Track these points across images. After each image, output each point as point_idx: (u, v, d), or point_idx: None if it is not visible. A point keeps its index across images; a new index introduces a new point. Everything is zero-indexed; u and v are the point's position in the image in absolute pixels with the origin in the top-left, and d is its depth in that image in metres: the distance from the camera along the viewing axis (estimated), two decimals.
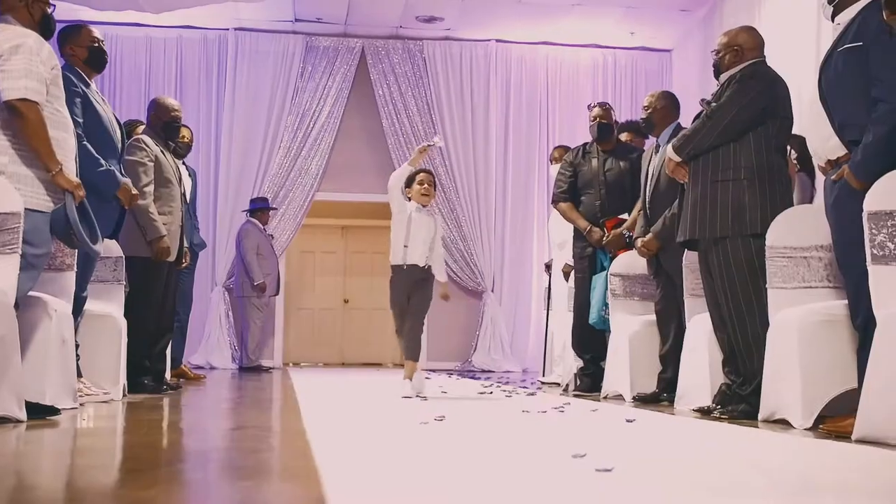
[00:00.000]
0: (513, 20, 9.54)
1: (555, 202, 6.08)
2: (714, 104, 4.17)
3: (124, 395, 4.89)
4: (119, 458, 2.58)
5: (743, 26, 4.49)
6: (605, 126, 5.94)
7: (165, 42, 9.66)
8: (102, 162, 4.61)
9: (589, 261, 5.86)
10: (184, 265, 5.86)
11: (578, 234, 5.95)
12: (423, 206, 5.48)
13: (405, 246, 5.39)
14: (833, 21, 3.55)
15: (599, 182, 5.86)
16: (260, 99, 9.68)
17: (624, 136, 6.26)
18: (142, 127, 6.06)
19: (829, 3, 3.55)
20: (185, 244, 5.80)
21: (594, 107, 6.07)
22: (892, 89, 3.13)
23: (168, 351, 5.93)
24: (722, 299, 4.13)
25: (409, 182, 5.49)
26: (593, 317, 5.71)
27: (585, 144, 6.12)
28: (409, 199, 5.47)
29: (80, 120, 4.51)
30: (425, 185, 5.46)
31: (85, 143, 4.47)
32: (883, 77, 3.18)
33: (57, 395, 3.84)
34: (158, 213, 5.42)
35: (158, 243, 5.31)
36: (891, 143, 3.14)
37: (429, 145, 5.60)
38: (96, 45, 4.77)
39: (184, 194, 5.81)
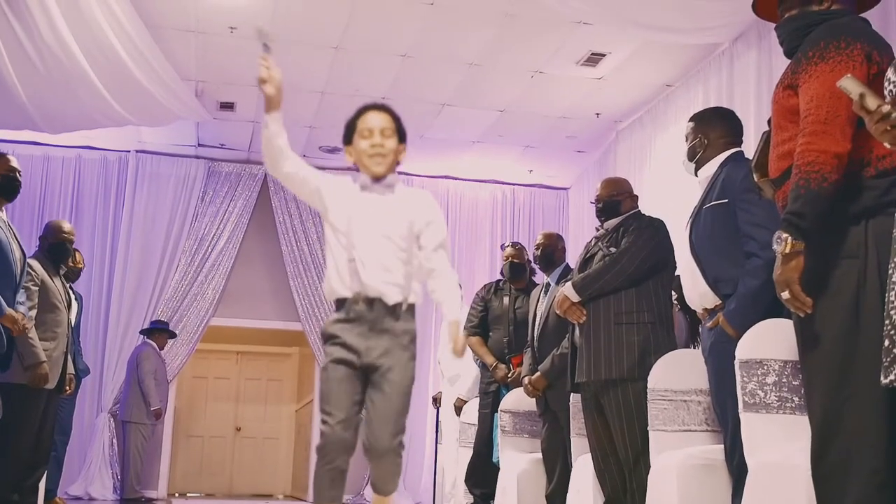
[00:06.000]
0: (414, 153, 9.62)
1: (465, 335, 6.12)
2: (614, 249, 4.31)
3: None
4: None
5: (621, 177, 4.71)
6: (517, 266, 6.05)
7: (63, 161, 9.54)
8: None
9: (493, 397, 5.88)
10: (68, 392, 5.68)
11: (485, 370, 6.00)
12: (377, 177, 3.09)
13: (350, 259, 2.97)
14: (696, 176, 3.77)
15: (509, 319, 5.93)
16: (158, 222, 9.59)
17: None
18: None
19: (690, 160, 3.78)
20: (71, 370, 5.64)
21: (507, 246, 6.19)
22: (764, 245, 3.29)
23: (42, 482, 5.68)
24: (620, 441, 4.16)
25: (349, 135, 3.15)
26: (497, 455, 5.70)
27: (499, 281, 6.22)
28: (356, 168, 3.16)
29: None
30: (376, 138, 3.08)
31: None
32: (754, 235, 3.38)
33: None
34: (42, 339, 5.26)
35: (37, 369, 5.13)
36: (763, 294, 3.28)
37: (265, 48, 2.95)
38: (12, 174, 4.72)
39: (70, 320, 5.68)
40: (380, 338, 2.99)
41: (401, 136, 3.17)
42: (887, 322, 2.18)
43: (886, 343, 2.17)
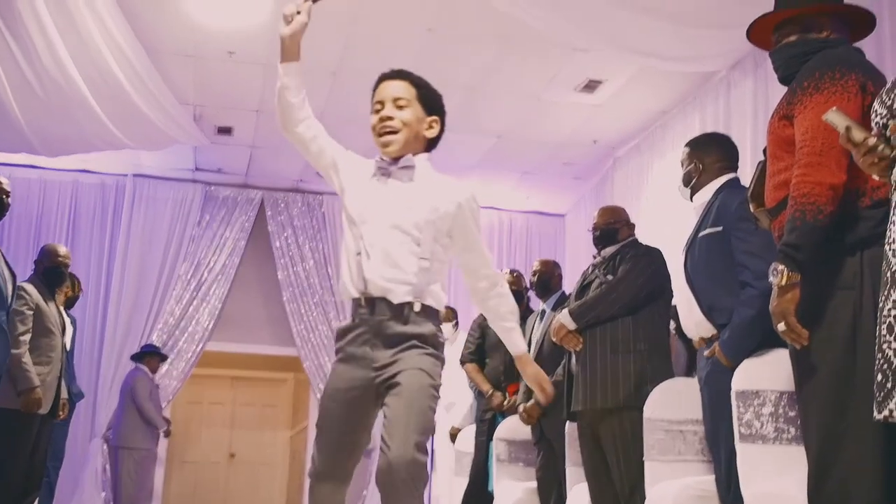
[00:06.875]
0: None
1: (462, 363, 6.10)
2: (611, 277, 4.30)
3: None
4: None
5: (617, 205, 4.72)
6: (514, 293, 6.01)
7: (60, 185, 9.52)
8: None
9: (489, 424, 5.85)
10: (61, 417, 5.65)
11: (481, 397, 5.97)
12: (394, 157, 2.72)
13: (357, 253, 2.62)
14: (691, 201, 3.77)
15: (505, 346, 5.89)
16: (154, 246, 9.55)
17: None
18: None
19: (685, 185, 3.79)
20: (64, 395, 5.62)
21: (505, 274, 6.17)
22: (759, 275, 3.28)
23: None
24: (616, 471, 4.14)
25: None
26: (492, 484, 5.66)
27: None
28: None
29: None
30: (385, 110, 2.73)
31: None
32: (749, 264, 3.36)
33: None
34: (36, 363, 5.24)
35: (30, 394, 5.10)
36: (758, 324, 3.26)
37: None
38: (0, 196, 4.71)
39: (64, 344, 5.66)
40: (386, 345, 2.55)
41: (427, 105, 2.77)
42: (879, 356, 2.17)
43: (879, 377, 2.16)
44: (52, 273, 5.59)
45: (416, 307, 2.57)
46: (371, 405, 2.57)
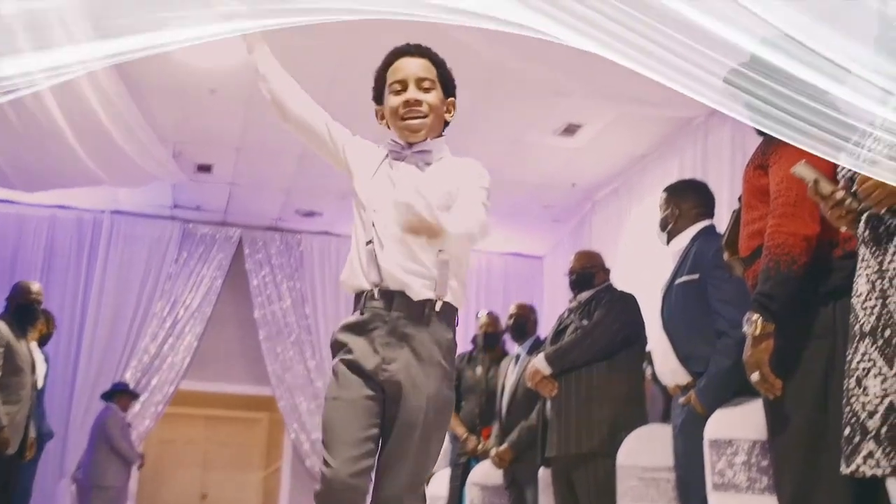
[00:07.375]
0: None
1: None
2: (587, 322, 4.30)
3: None
4: None
5: (593, 250, 4.73)
6: (491, 335, 6.02)
7: (37, 220, 9.44)
8: None
9: (463, 469, 5.80)
10: (28, 457, 5.54)
11: (456, 441, 5.92)
12: (410, 143, 2.52)
13: (369, 242, 2.44)
14: (668, 245, 3.79)
15: (481, 389, 5.87)
16: (131, 283, 9.45)
17: None
18: None
19: (662, 230, 3.81)
20: (32, 434, 5.52)
21: (482, 316, 6.16)
22: (734, 324, 3.28)
23: None
24: None
25: (379, 92, 2.63)
26: None
27: (472, 350, 6.17)
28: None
29: None
30: (410, 91, 2.51)
31: None
32: (724, 312, 3.38)
33: None
34: (5, 402, 5.15)
35: None
36: (734, 374, 3.26)
37: None
38: None
39: (35, 382, 5.57)
40: (399, 347, 2.32)
41: (445, 86, 2.56)
42: (847, 409, 2.16)
43: (847, 431, 2.15)
44: (24, 310, 5.53)
45: (437, 306, 2.35)
46: (378, 403, 2.34)
